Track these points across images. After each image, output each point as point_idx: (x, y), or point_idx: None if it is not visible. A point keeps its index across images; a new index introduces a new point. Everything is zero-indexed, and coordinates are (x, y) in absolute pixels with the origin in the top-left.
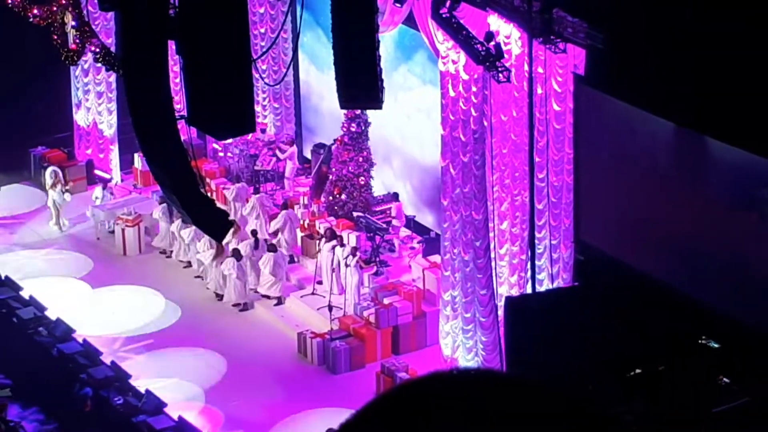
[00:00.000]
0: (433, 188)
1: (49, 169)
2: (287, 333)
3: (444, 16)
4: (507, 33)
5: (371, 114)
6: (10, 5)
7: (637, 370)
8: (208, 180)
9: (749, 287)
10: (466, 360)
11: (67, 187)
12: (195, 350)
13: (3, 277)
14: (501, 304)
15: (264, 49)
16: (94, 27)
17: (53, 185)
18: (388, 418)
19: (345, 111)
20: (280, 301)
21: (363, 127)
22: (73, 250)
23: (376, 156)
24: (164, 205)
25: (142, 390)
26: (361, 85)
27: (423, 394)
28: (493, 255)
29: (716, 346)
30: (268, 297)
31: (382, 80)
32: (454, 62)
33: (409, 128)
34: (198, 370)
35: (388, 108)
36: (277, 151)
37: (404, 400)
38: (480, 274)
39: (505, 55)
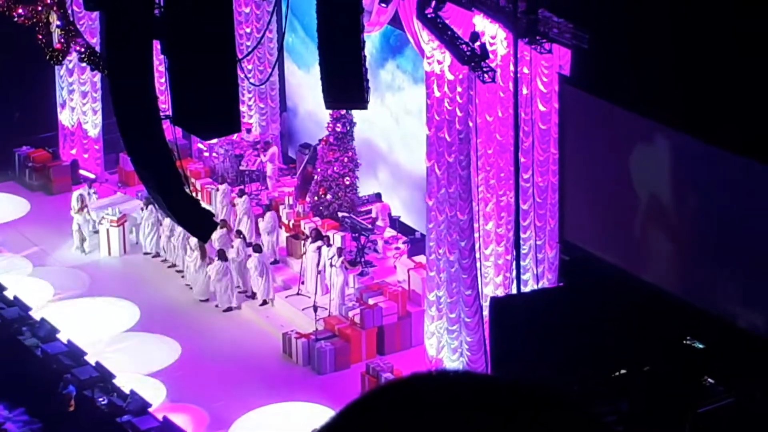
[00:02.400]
0: (422, 196)
1: (76, 194)
2: (272, 333)
3: (429, 16)
4: (492, 33)
5: (356, 114)
6: None
7: (622, 371)
8: (193, 180)
9: (734, 287)
10: (451, 360)
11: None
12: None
13: None
14: (486, 304)
15: (249, 49)
16: (79, 26)
17: (80, 210)
18: (368, 420)
19: (330, 111)
20: (265, 302)
21: (348, 128)
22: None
23: (362, 158)
24: (150, 208)
25: (127, 390)
26: (346, 85)
27: (402, 395)
28: (478, 255)
29: (701, 346)
30: (254, 297)
31: (367, 80)
32: (439, 62)
33: (398, 132)
34: (180, 368)
35: (375, 110)
36: (261, 156)
37: (383, 401)
38: (465, 274)
39: (491, 56)
